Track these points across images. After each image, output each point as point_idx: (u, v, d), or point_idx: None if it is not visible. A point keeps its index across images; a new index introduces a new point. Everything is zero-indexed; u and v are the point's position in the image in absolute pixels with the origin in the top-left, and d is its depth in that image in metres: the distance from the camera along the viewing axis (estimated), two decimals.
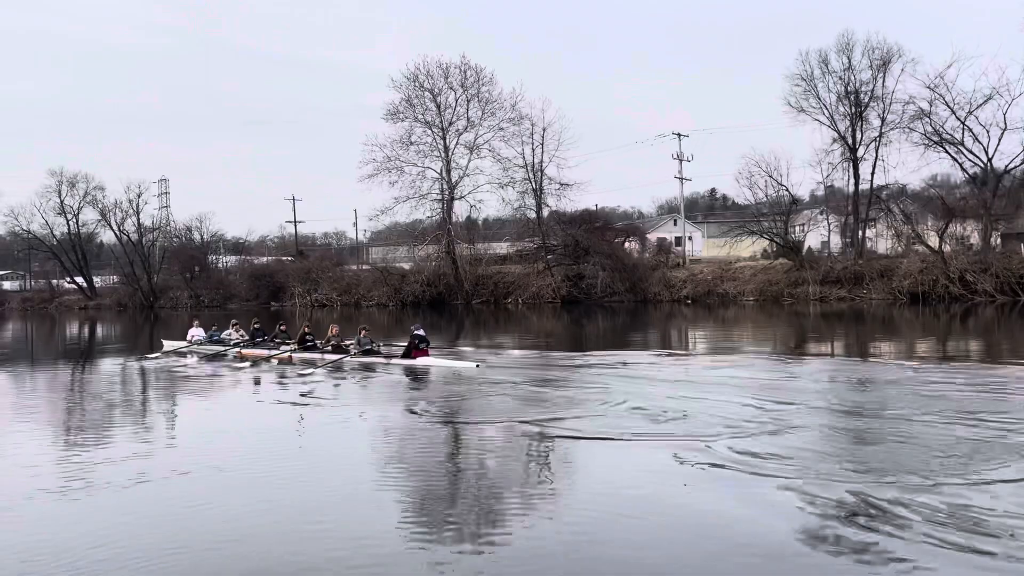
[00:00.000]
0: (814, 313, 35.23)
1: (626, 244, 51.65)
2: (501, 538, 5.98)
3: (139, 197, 70.03)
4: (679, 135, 55.04)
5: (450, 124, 49.66)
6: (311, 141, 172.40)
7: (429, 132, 49.83)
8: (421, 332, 16.91)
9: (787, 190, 45.43)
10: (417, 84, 49.15)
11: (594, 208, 53.31)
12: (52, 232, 73.28)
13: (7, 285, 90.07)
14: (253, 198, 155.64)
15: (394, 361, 16.68)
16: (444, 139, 49.90)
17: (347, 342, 18.49)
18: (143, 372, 18.66)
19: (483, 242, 56.72)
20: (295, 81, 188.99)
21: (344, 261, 70.56)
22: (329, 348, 18.34)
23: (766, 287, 43.58)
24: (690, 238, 59.31)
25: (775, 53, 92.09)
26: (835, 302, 39.83)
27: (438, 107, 49.48)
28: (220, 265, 73.85)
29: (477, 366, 15.63)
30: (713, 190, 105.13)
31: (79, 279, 75.04)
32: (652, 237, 59.63)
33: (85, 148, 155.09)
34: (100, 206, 71.28)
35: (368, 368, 16.65)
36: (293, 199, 74.94)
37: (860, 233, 44.65)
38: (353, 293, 56.43)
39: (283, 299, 60.22)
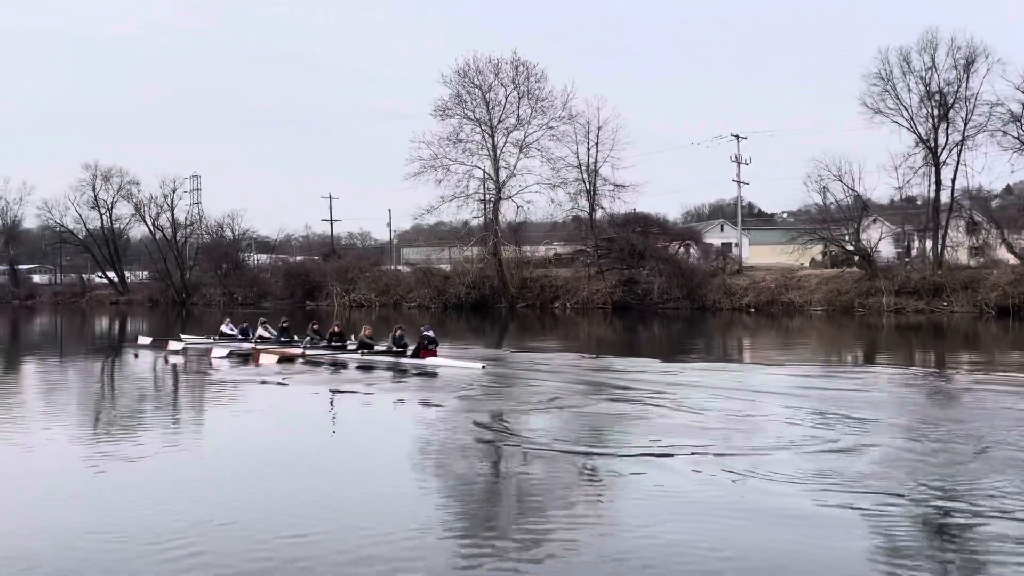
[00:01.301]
0: (888, 325, 34.97)
1: (681, 249, 51.64)
2: (542, 553, 6.19)
3: (174, 192, 72.61)
4: (737, 137, 55.00)
5: (499, 121, 50.51)
6: (331, 141, 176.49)
7: (478, 129, 50.73)
8: (430, 333, 18.43)
9: (858, 195, 45.00)
10: (467, 80, 50.08)
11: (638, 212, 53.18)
12: (85, 226, 76.22)
13: (36, 279, 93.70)
14: (276, 197, 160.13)
15: (403, 360, 18.15)
16: (492, 137, 50.74)
17: (380, 342, 19.77)
18: (164, 366, 20.29)
19: (530, 244, 57.29)
20: (316, 83, 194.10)
21: (380, 261, 71.94)
22: (355, 347, 19.77)
23: (834, 297, 43.29)
24: (736, 244, 59.05)
25: (796, 56, 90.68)
26: (912, 314, 39.38)
27: (487, 104, 50.36)
28: (251, 262, 75.91)
29: (483, 367, 16.95)
30: (740, 197, 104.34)
31: (111, 274, 77.77)
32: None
33: (112, 145, 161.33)
34: (135, 200, 73.97)
35: (377, 367, 18.15)
36: (330, 197, 76.71)
37: (940, 241, 43.95)
38: (392, 293, 57.52)
39: (319, 298, 61.65)
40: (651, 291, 45.82)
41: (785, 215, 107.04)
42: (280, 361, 19.57)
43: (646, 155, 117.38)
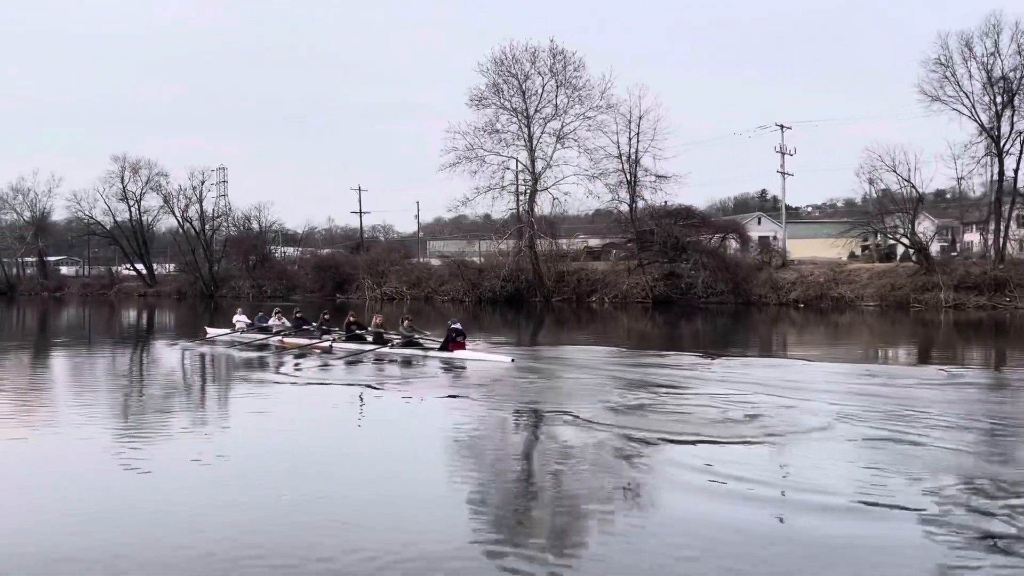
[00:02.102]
0: (946, 322, 34.37)
1: (724, 242, 51.21)
2: (576, 547, 6.41)
3: (202, 184, 73.88)
4: (782, 127, 54.35)
5: (536, 111, 50.51)
6: (354, 135, 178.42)
7: (514, 119, 50.77)
8: (458, 326, 18.89)
9: (914, 187, 44.22)
10: (503, 68, 50.12)
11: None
12: (114, 218, 77.93)
13: (64, 270, 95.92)
14: (299, 191, 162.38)
15: (432, 353, 18.53)
16: (528, 127, 50.78)
17: (390, 333, 20.30)
18: (188, 358, 21.05)
19: (566, 237, 57.22)
20: (334, 79, 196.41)
21: (410, 254, 72.42)
22: (371, 338, 20.19)
23: (888, 292, 42.61)
24: (774, 237, 58.35)
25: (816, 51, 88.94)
26: (972, 310, 38.64)
27: (523, 93, 50.39)
28: (278, 255, 76.96)
29: (512, 360, 17.33)
30: (763, 191, 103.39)
31: (139, 266, 79.37)
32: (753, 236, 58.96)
33: (139, 138, 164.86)
34: (163, 192, 75.40)
35: (408, 360, 18.55)
36: (359, 189, 77.32)
37: (1003, 234, 43.01)
38: (423, 286, 57.88)
39: (349, 291, 62.26)
40: (695, 285, 45.53)
41: (809, 208, 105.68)
42: (298, 350, 20.20)
43: (682, 146, 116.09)
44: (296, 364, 18.48)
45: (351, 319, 21.39)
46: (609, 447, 9.68)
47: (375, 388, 15.31)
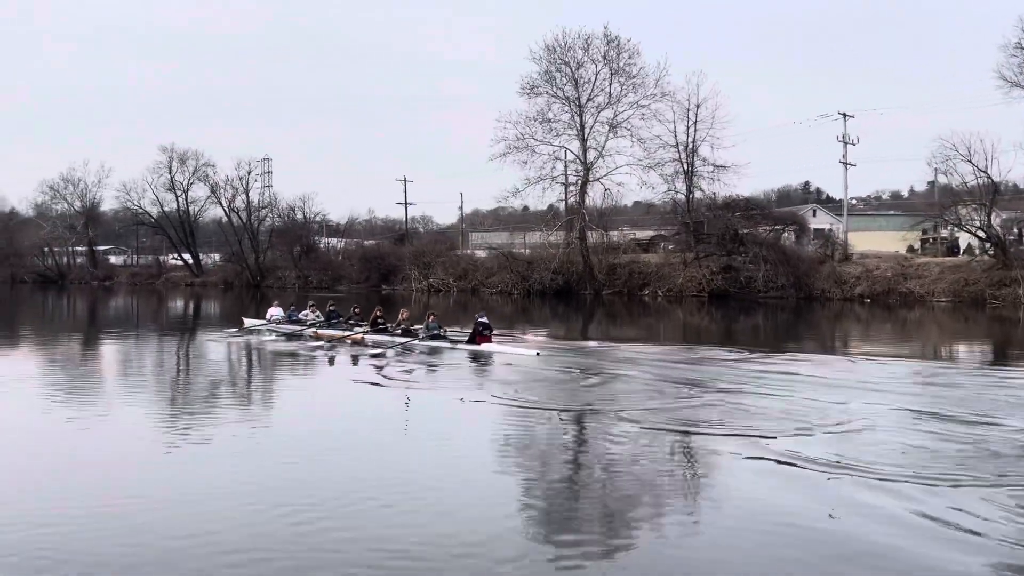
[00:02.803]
0: None
1: (784, 235, 49.81)
2: (625, 544, 6.45)
3: (249, 175, 74.72)
4: (844, 115, 52.55)
5: (588, 100, 49.72)
6: (392, 126, 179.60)
7: (566, 108, 50.07)
8: (485, 320, 19.52)
9: (989, 177, 42.29)
10: (556, 56, 49.42)
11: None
12: (162, 208, 79.40)
13: (112, 259, 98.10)
14: (339, 182, 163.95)
15: (460, 346, 19.07)
16: (581, 116, 50.01)
17: (416, 327, 20.88)
18: (225, 348, 21.48)
19: (617, 228, 56.37)
20: (374, 69, 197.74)
21: (455, 245, 72.18)
22: (399, 331, 20.80)
23: (961, 287, 40.91)
24: (829, 229, 56.57)
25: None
26: None
27: (575, 82, 49.61)
28: (323, 245, 77.43)
29: (538, 354, 17.49)
30: (807, 183, 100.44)
31: (186, 256, 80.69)
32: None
33: (186, 128, 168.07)
34: (211, 183, 76.49)
35: (436, 352, 19.02)
36: (404, 180, 77.30)
37: None
38: (470, 278, 57.56)
39: (394, 282, 62.30)
40: (754, 279, 44.35)
41: (853, 201, 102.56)
42: (330, 343, 20.72)
43: (739, 136, 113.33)
44: (328, 355, 19.15)
45: (377, 313, 21.93)
46: (662, 446, 9.66)
47: (413, 381, 15.58)
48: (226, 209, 76.28)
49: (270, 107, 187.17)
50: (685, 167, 48.64)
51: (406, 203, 78.97)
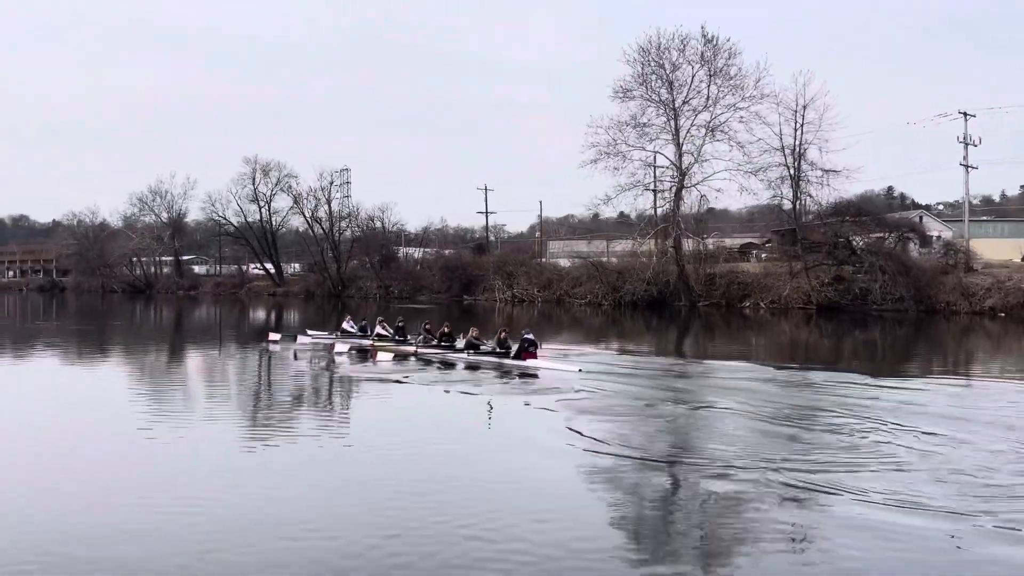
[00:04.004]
0: None
1: (901, 243, 46.50)
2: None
3: (331, 185, 75.55)
4: (965, 115, 48.92)
5: (684, 103, 47.69)
6: (467, 135, 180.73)
7: (661, 112, 48.23)
8: (531, 336, 19.99)
9: None
10: (650, 58, 47.65)
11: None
12: (245, 218, 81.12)
13: (196, 269, 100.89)
14: (414, 190, 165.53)
15: (506, 362, 19.50)
16: (675, 120, 48.04)
17: (486, 341, 21.29)
18: (291, 360, 22.03)
19: (714, 236, 54.01)
20: (437, 77, 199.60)
21: (536, 254, 70.88)
22: (460, 344, 21.38)
23: None
24: (938, 237, 52.63)
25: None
26: None
27: (670, 84, 47.69)
28: (402, 255, 77.48)
29: (580, 371, 17.71)
30: (890, 188, 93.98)
31: (268, 265, 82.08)
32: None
33: (268, 139, 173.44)
34: (293, 193, 77.73)
35: (489, 367, 19.44)
36: (485, 189, 76.53)
37: None
38: (554, 288, 56.10)
39: (476, 292, 61.37)
40: (871, 291, 41.37)
41: (941, 206, 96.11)
42: (395, 358, 21.09)
43: (851, 137, 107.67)
44: (395, 370, 19.39)
45: (445, 329, 22.57)
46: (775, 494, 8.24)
47: (460, 393, 15.73)
48: (308, 219, 77.33)
49: (342, 117, 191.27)
50: (791, 171, 45.92)
51: (487, 212, 78.19)
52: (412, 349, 22.14)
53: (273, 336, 26.89)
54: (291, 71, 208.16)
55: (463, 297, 61.88)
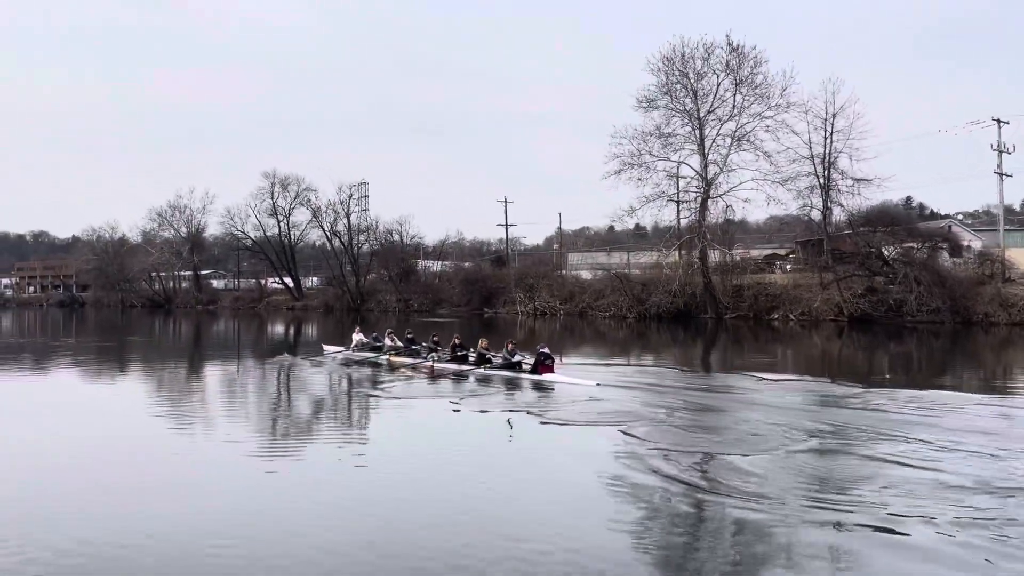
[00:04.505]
0: None
1: (934, 253, 45.49)
2: None
3: (351, 199, 75.59)
4: (999, 121, 47.94)
5: (709, 112, 47.07)
6: (481, 146, 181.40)
7: (686, 122, 47.64)
8: (546, 350, 20.25)
9: None
10: (674, 67, 47.14)
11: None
12: (264, 232, 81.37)
13: (214, 284, 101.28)
14: (429, 203, 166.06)
15: (523, 376, 19.68)
16: (700, 130, 47.40)
17: (495, 354, 21.46)
18: (308, 374, 22.26)
19: (741, 247, 53.23)
20: (457, 88, 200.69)
21: (557, 266, 70.40)
22: (473, 358, 21.51)
23: None
24: (968, 246, 51.52)
25: None
26: None
27: (694, 93, 47.13)
28: (420, 268, 77.31)
29: (598, 384, 17.71)
30: (908, 198, 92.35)
31: (287, 279, 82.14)
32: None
33: (285, 153, 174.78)
34: (312, 207, 77.88)
35: (504, 380, 19.49)
36: (505, 201, 76.19)
37: None
38: (576, 301, 55.52)
39: (496, 305, 60.88)
40: (905, 302, 40.44)
41: (960, 216, 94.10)
42: (408, 370, 21.58)
43: (882, 145, 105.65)
44: (401, 382, 19.84)
45: (456, 341, 22.63)
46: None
47: (480, 409, 15.62)
48: (328, 233, 77.36)
49: (359, 131, 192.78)
50: (821, 180, 45.10)
51: (507, 224, 77.86)
52: (425, 362, 22.07)
53: (283, 356, 27.10)
54: (309, 86, 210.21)
55: (483, 310, 61.39)
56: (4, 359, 29.43)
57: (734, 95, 46.62)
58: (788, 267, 55.83)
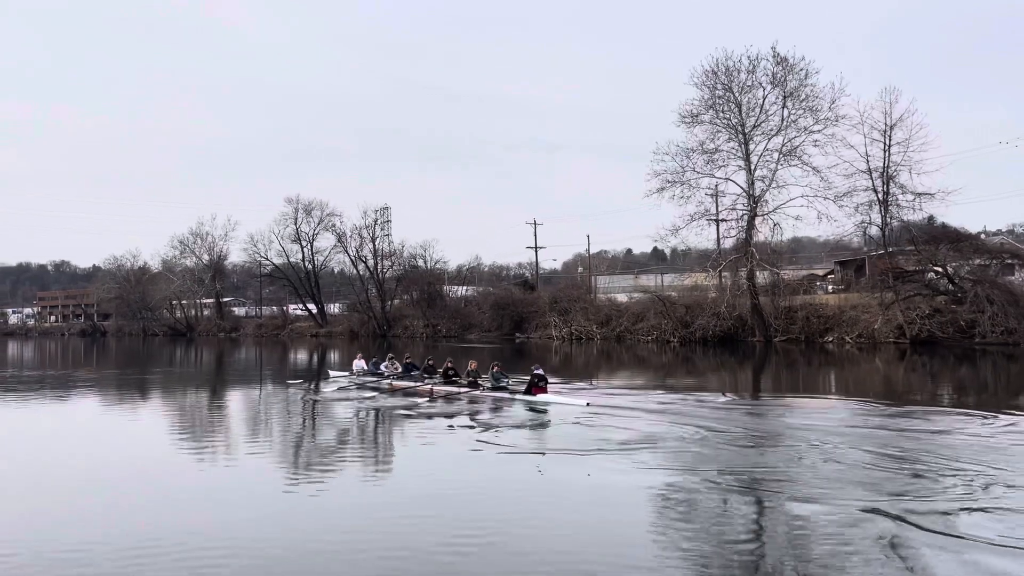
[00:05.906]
0: None
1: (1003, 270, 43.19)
2: None
3: (375, 224, 74.74)
4: None
5: (755, 127, 45.38)
6: (501, 172, 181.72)
7: (731, 137, 45.96)
8: (540, 371, 20.90)
9: None
10: (718, 81, 45.60)
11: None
12: (288, 259, 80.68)
13: (237, 311, 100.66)
14: (450, 228, 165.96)
15: (517, 397, 20.48)
16: (746, 146, 45.71)
17: (482, 376, 22.40)
18: (312, 401, 22.78)
19: (791, 266, 51.20)
20: (473, 116, 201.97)
21: (590, 289, 68.68)
22: (467, 382, 22.37)
23: None
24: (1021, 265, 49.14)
25: None
26: None
27: (739, 107, 45.51)
28: (446, 292, 76.03)
29: (587, 404, 18.61)
30: (931, 217, 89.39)
31: (311, 306, 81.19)
32: None
33: (306, 180, 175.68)
34: (337, 232, 77.16)
35: (498, 401, 20.39)
36: (534, 223, 75.01)
37: None
38: (613, 325, 53.74)
39: (528, 330, 59.21)
40: (978, 322, 38.13)
41: (983, 235, 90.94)
42: (408, 395, 22.20)
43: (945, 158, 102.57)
44: (404, 405, 20.33)
45: (448, 364, 23.55)
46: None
47: (485, 430, 15.82)
48: (353, 258, 76.49)
49: (380, 157, 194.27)
50: (879, 195, 43.07)
51: (536, 247, 76.62)
52: (427, 386, 22.78)
53: (292, 382, 27.96)
54: (331, 116, 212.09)
55: (515, 335, 59.76)
56: (28, 388, 28.61)
57: (781, 108, 44.92)
58: (830, 288, 53.73)
